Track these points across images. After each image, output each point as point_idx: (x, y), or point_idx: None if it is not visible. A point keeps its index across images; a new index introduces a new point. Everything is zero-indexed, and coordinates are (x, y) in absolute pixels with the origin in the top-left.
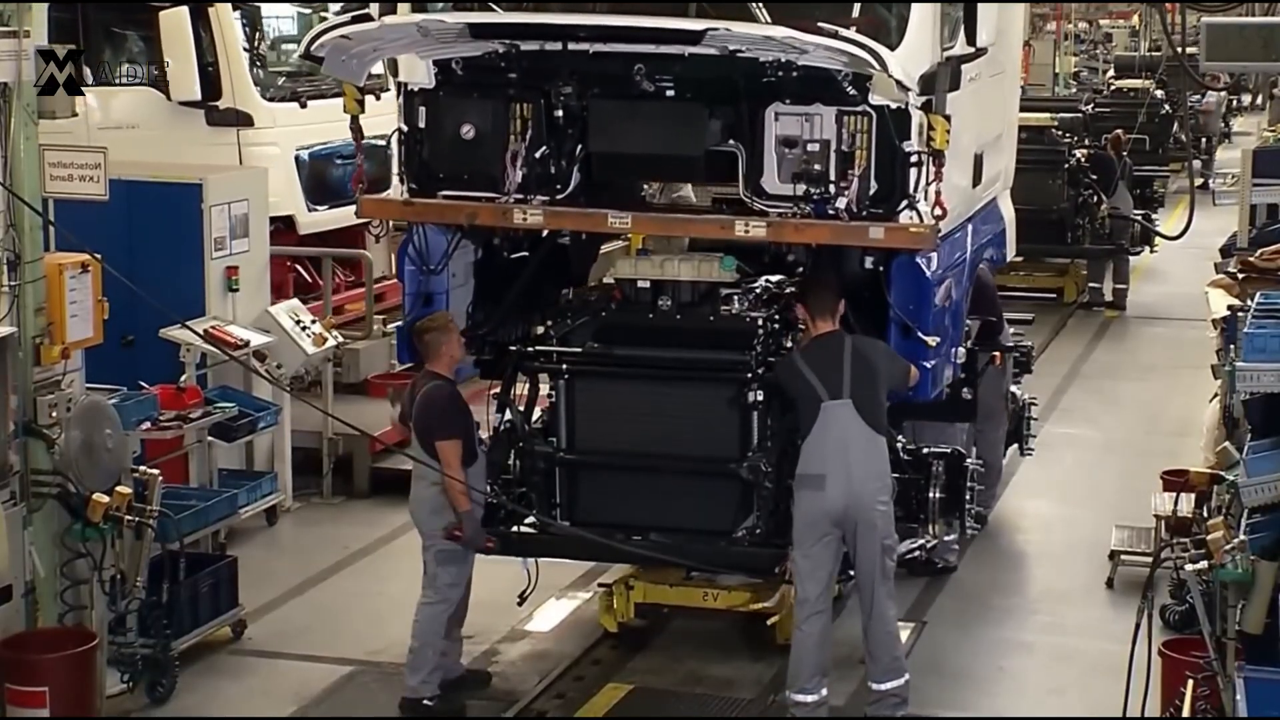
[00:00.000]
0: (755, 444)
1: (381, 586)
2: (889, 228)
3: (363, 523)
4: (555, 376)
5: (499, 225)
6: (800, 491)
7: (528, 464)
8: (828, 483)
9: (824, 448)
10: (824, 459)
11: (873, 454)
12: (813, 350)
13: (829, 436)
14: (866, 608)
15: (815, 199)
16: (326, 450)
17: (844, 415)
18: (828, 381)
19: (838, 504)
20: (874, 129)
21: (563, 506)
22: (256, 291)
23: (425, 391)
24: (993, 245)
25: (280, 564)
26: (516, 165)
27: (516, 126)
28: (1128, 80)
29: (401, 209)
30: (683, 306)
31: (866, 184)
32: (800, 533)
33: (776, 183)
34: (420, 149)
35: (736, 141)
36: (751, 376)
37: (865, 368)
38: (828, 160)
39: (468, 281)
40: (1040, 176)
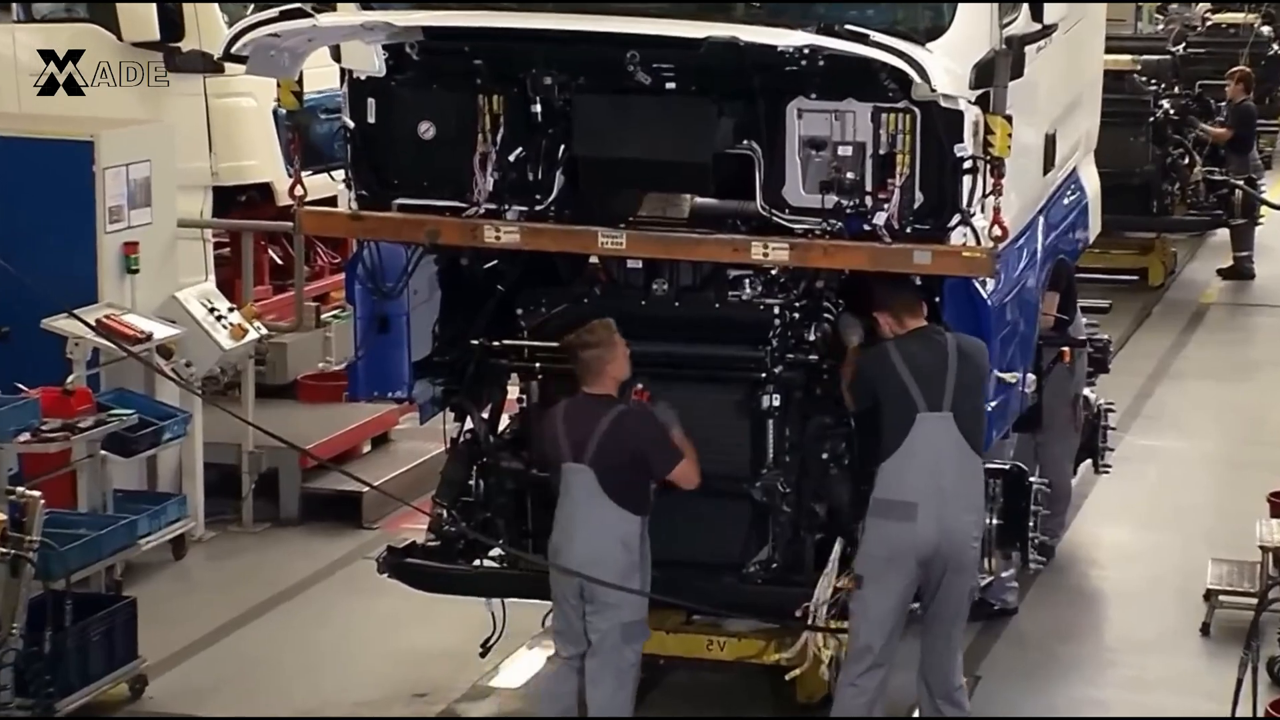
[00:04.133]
0: (770, 459)
1: (314, 633)
2: (938, 251)
3: (292, 555)
4: (527, 377)
5: (466, 244)
6: (879, 521)
7: (493, 484)
8: (919, 513)
9: (915, 469)
10: (915, 483)
11: (970, 479)
12: (911, 346)
13: (922, 456)
14: (935, 664)
15: (848, 213)
16: (247, 467)
17: (942, 431)
18: (928, 387)
19: (929, 540)
20: (918, 129)
21: (536, 535)
22: (161, 272)
23: (618, 420)
24: (1071, 230)
25: (190, 606)
26: (486, 171)
27: (486, 124)
28: (1227, 15)
29: (348, 224)
30: (682, 291)
31: (910, 196)
32: (874, 569)
33: (801, 194)
34: (370, 150)
35: (752, 144)
36: (766, 376)
37: (972, 374)
38: (862, 166)
39: (432, 296)
40: (1119, 133)
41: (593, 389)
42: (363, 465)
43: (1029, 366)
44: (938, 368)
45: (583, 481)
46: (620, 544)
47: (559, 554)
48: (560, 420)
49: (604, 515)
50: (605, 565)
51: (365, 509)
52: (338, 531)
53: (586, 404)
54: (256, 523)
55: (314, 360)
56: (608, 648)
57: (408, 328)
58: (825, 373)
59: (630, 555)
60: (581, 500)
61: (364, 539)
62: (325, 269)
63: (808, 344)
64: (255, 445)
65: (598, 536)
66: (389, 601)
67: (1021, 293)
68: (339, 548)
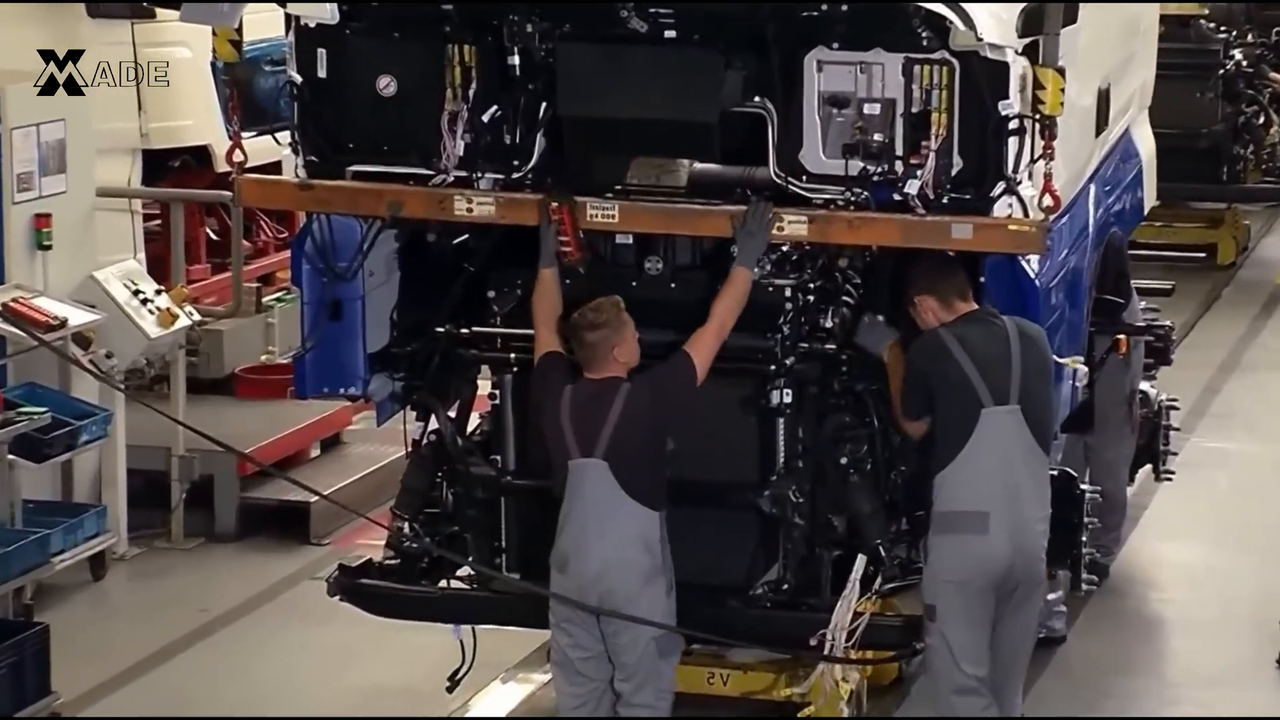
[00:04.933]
0: (781, 464)
1: (254, 665)
2: (980, 224)
3: (228, 575)
4: (499, 369)
5: (433, 218)
6: (946, 538)
7: (462, 493)
8: (991, 523)
9: (983, 473)
10: (984, 489)
11: (1041, 481)
12: (967, 332)
13: (990, 456)
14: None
15: (875, 181)
16: (177, 474)
17: (1010, 427)
18: (992, 378)
19: (1003, 553)
20: (957, 83)
21: (510, 552)
22: (78, 249)
23: (630, 399)
24: (1124, 200)
25: (112, 633)
26: (456, 133)
27: (455, 78)
28: None
29: (295, 195)
30: (679, 270)
31: (947, 161)
32: (948, 596)
33: (821, 158)
34: (320, 109)
35: (764, 101)
36: (776, 369)
37: (1038, 360)
38: (892, 127)
39: (391, 277)
40: (1183, 87)
41: (598, 374)
42: (311, 471)
43: (1078, 353)
44: (1000, 355)
45: (595, 478)
46: (642, 545)
47: (568, 564)
48: (565, 413)
49: (622, 514)
50: (626, 571)
51: (313, 522)
52: (282, 548)
53: (593, 391)
54: (188, 538)
55: (255, 350)
56: (645, 668)
57: (363, 314)
58: (844, 364)
59: (653, 558)
60: (595, 499)
61: (312, 556)
62: (270, 245)
63: (824, 331)
64: (187, 448)
65: (617, 539)
66: (341, 629)
67: (1071, 272)
68: (283, 566)
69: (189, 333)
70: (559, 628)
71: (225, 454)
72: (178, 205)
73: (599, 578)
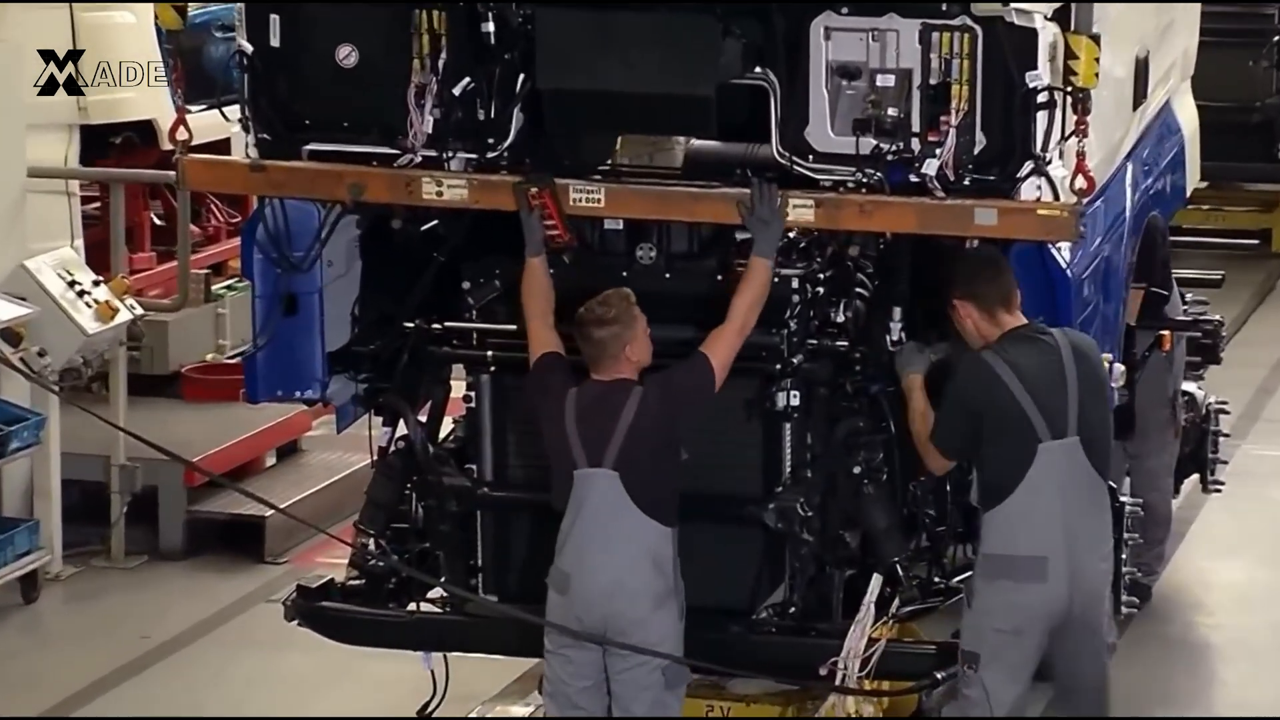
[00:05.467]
0: (788, 474)
1: (203, 697)
2: (1005, 209)
3: (174, 597)
4: (475, 368)
5: (399, 203)
6: (998, 584)
7: (432, 506)
8: (1050, 569)
9: (1041, 513)
10: (1042, 532)
11: (1101, 514)
12: (1017, 354)
13: (1047, 495)
14: None
15: (889, 161)
16: (118, 485)
17: (1068, 461)
18: (1049, 408)
19: (1060, 601)
20: (979, 53)
21: (487, 571)
22: (8, 236)
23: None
24: (1165, 180)
25: (44, 662)
26: (424, 108)
27: (423, 47)
28: None
29: (246, 177)
30: (674, 259)
31: (969, 138)
32: (996, 646)
33: (829, 136)
34: (274, 82)
35: (767, 73)
36: (782, 368)
37: (1094, 381)
38: (908, 101)
39: (352, 267)
40: (1233, 56)
41: (607, 375)
42: (265, 482)
43: (1116, 356)
44: (1055, 381)
45: (604, 490)
46: (652, 564)
47: (570, 584)
48: (569, 418)
49: (632, 529)
50: (635, 593)
51: (268, 538)
52: (233, 567)
53: (601, 394)
54: (129, 556)
55: (203, 344)
56: (649, 701)
57: (321, 309)
58: (857, 362)
59: (665, 579)
60: (602, 513)
61: (267, 576)
62: (220, 231)
63: (835, 326)
64: (128, 457)
65: (625, 556)
66: (299, 657)
67: (1106, 262)
68: (235, 588)
69: (131, 327)
70: (557, 655)
71: (171, 463)
72: (118, 186)
73: (605, 599)
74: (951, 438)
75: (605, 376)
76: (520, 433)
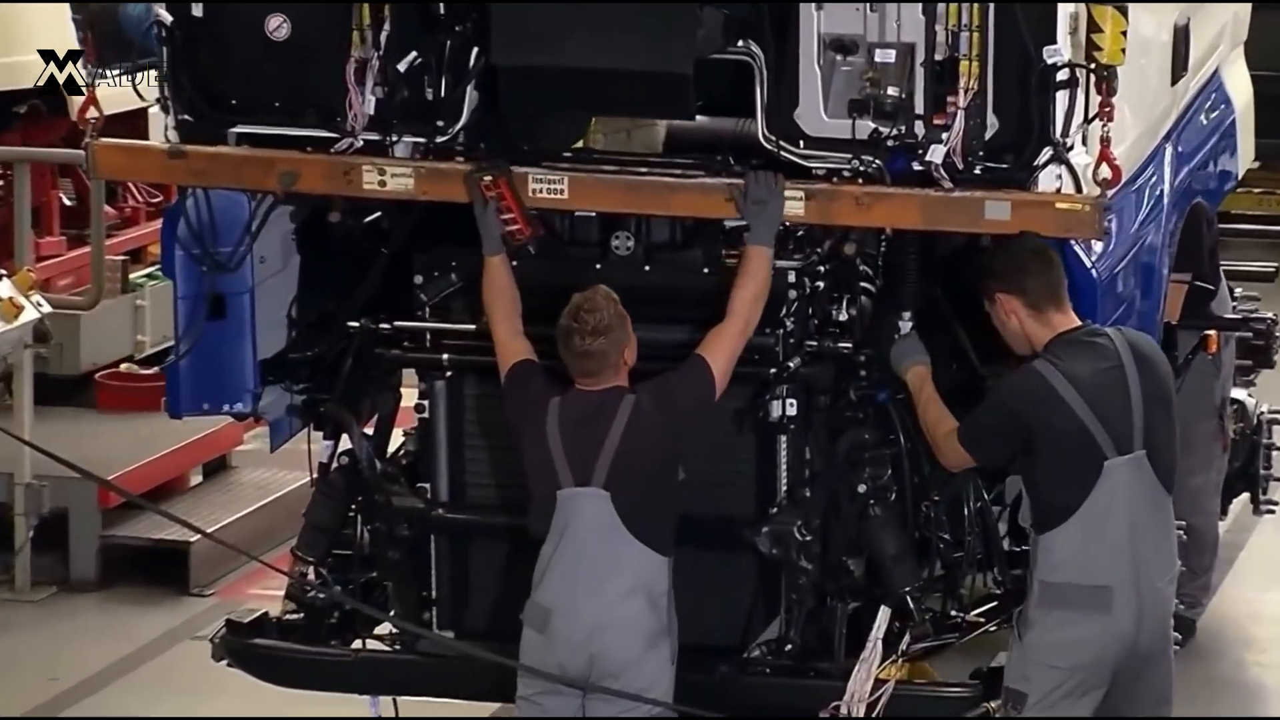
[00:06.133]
0: (783, 493)
1: None
2: (1020, 201)
3: (88, 633)
4: (429, 373)
5: (337, 193)
6: (1056, 615)
7: (380, 530)
8: (1116, 600)
9: (1107, 538)
10: (1108, 558)
11: (1167, 533)
12: (1074, 362)
13: (1113, 517)
14: None
15: (890, 147)
16: (23, 506)
17: (1135, 479)
18: (1113, 422)
19: (1126, 634)
20: (991, 24)
21: (442, 604)
22: None
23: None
24: (1211, 162)
25: None
26: (365, 86)
27: (364, 18)
28: None
29: (164, 164)
30: (655, 250)
31: (980, 122)
32: (1050, 685)
33: (822, 118)
34: (197, 56)
35: (751, 46)
36: (777, 372)
37: (1159, 387)
38: (911, 79)
39: (287, 264)
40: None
41: (595, 385)
42: (191, 504)
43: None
44: (1117, 391)
45: (593, 512)
46: (646, 598)
47: (551, 621)
48: (553, 431)
49: (624, 558)
50: (628, 631)
51: (194, 567)
52: (154, 599)
53: (589, 404)
54: (36, 586)
55: (120, 341)
56: None
57: (252, 311)
58: (862, 366)
59: (658, 616)
60: (591, 538)
61: (193, 610)
62: (139, 213)
63: (837, 326)
64: (34, 475)
65: (616, 589)
66: (229, 701)
67: (1140, 256)
68: (156, 623)
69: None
70: (531, 701)
71: (83, 481)
72: (23, 165)
73: (591, 638)
74: (987, 441)
75: (597, 386)
76: (481, 446)
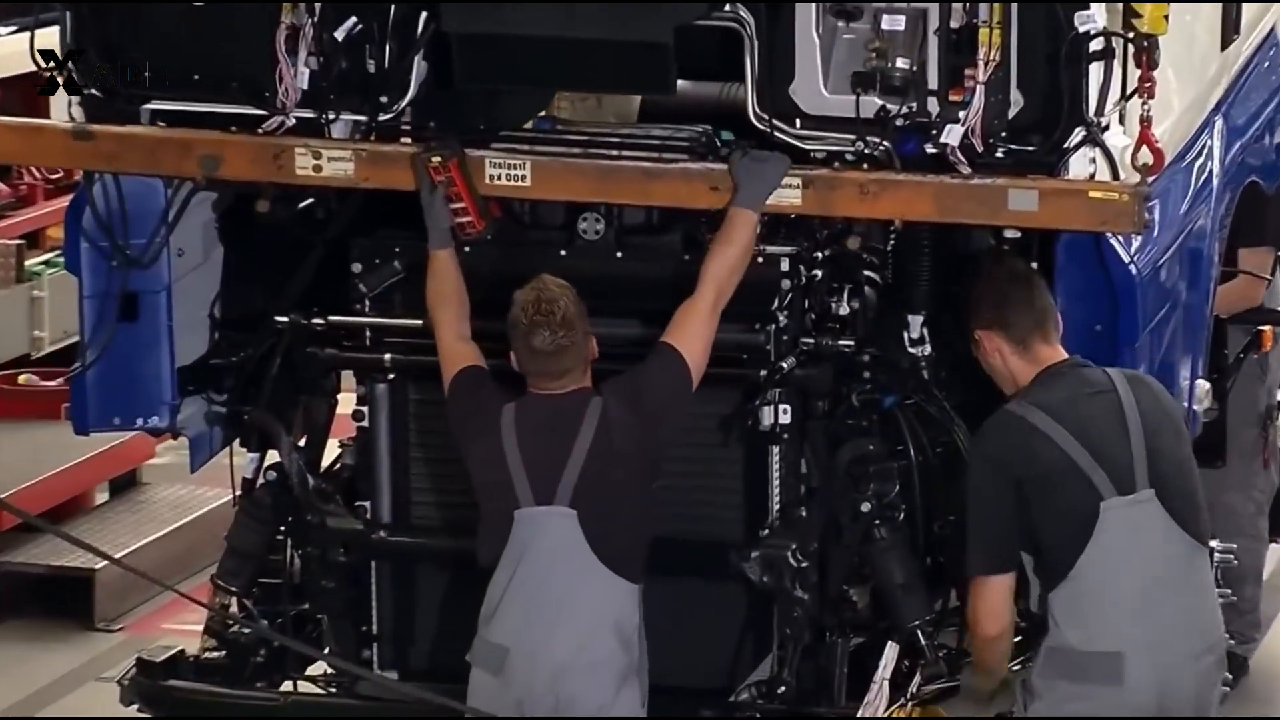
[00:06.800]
0: (776, 513)
1: None
2: (1049, 189)
3: None
4: (369, 376)
5: (266, 180)
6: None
7: (314, 555)
8: (1127, 669)
9: (1111, 595)
10: (1114, 619)
11: (1197, 590)
12: (1053, 393)
13: (1118, 569)
14: None
15: (900, 126)
16: None
17: (1143, 521)
18: (1107, 455)
19: (1144, 705)
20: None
21: (384, 640)
22: None
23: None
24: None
25: None
26: (298, 57)
27: None
28: None
29: (69, 147)
30: (629, 233)
31: (1002, 98)
32: None
33: (822, 93)
34: (106, 23)
35: (740, 11)
36: (769, 374)
37: (1161, 412)
38: (923, 49)
39: (209, 257)
40: None
41: (557, 388)
42: (96, 526)
43: (1200, 365)
44: (1111, 416)
45: (557, 536)
46: (616, 633)
47: (507, 662)
48: (509, 443)
49: (592, 587)
50: (598, 674)
51: (99, 598)
52: (54, 634)
53: (549, 411)
54: None
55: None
56: None
57: (169, 312)
58: (866, 368)
59: (629, 653)
60: (555, 567)
61: (98, 647)
62: (37, 191)
63: (837, 321)
64: None
65: (584, 624)
66: None
67: (1186, 246)
68: (57, 661)
69: None
70: None
71: None
72: None
73: (557, 680)
74: (1000, 541)
75: (559, 389)
76: (429, 459)
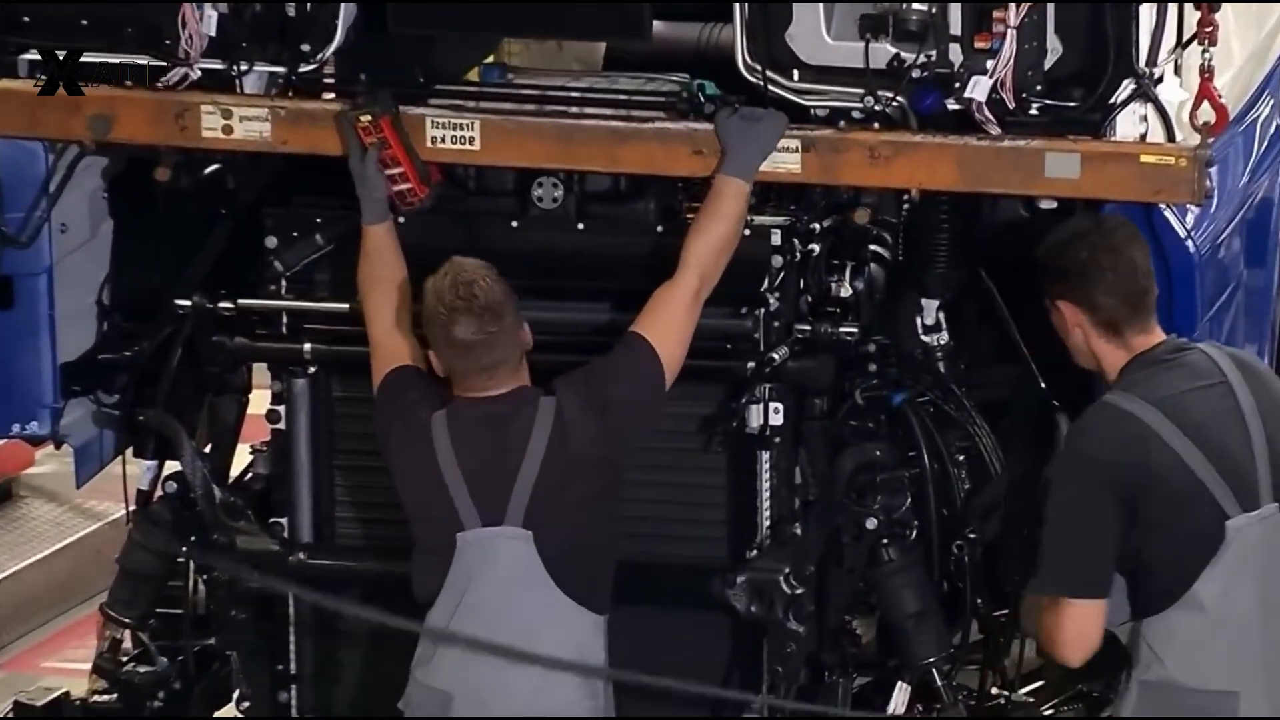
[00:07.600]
0: (766, 531)
1: None
2: (1092, 153)
3: None
4: (286, 371)
5: (167, 144)
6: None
7: (221, 580)
8: (1242, 710)
9: (1228, 625)
10: (1232, 652)
11: None
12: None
13: (1240, 596)
14: None
15: (915, 79)
16: None
17: (1266, 544)
18: (1229, 467)
19: None
20: None
21: (304, 680)
22: None
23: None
24: None
25: None
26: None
27: None
28: None
29: None
30: (591, 201)
31: (1037, 46)
32: None
33: (824, 39)
34: None
35: None
36: (758, 367)
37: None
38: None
39: (97, 233)
40: None
41: (494, 389)
42: None
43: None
44: (1230, 420)
45: (510, 561)
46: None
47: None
48: (447, 455)
49: (551, 621)
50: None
51: None
52: None
53: (490, 415)
54: None
55: None
56: None
57: (50, 298)
58: (871, 360)
59: (593, 699)
60: (508, 597)
61: None
62: None
63: (838, 303)
64: None
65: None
66: None
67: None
68: None
69: None
70: None
71: None
72: None
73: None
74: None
75: (496, 390)
76: (356, 467)
